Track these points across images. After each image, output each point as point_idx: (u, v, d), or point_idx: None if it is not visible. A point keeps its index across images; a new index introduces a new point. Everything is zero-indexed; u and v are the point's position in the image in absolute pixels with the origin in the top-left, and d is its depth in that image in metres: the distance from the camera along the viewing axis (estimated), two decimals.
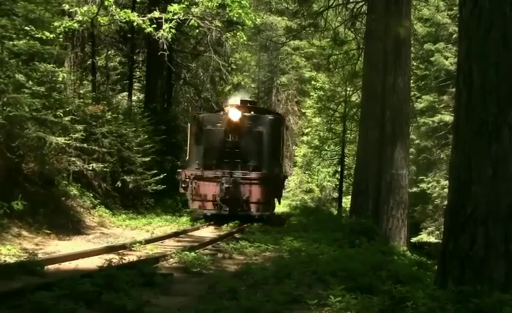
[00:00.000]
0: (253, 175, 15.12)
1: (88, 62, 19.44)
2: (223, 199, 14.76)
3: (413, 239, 22.25)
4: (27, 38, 10.78)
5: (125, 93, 23.68)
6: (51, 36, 11.81)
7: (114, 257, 6.96)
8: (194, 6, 15.44)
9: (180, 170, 15.70)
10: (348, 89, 22.69)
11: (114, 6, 14.06)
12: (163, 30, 14.45)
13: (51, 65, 11.75)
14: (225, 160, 15.38)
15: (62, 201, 12.34)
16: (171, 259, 7.95)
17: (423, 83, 26.92)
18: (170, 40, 15.38)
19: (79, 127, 12.60)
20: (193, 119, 16.55)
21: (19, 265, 6.56)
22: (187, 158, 16.22)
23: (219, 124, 15.73)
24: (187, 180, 15.08)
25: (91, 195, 14.13)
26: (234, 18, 17.41)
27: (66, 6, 14.04)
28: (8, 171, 10.60)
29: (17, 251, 8.18)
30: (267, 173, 15.26)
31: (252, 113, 16.56)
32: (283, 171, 16.36)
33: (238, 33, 19.27)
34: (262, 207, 15.08)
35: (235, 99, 18.60)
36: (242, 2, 16.03)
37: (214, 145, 15.55)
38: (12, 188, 10.42)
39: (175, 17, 14.62)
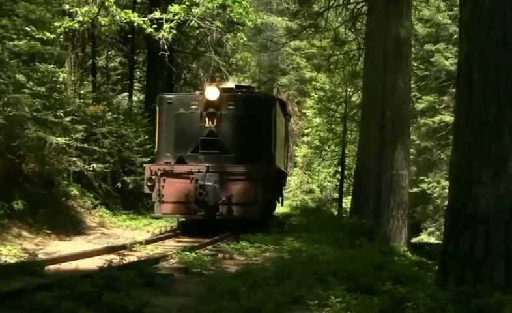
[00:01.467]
0: (237, 169, 11.93)
1: (89, 63, 19.47)
2: (198, 201, 11.56)
3: (414, 240, 22.25)
4: (28, 38, 10.79)
5: (125, 93, 23.71)
6: (52, 36, 11.81)
7: (115, 258, 6.96)
8: (194, 7, 15.45)
9: (145, 165, 12.80)
10: (349, 89, 22.70)
11: (114, 7, 14.08)
12: (164, 30, 14.46)
13: (52, 65, 11.77)
14: (201, 150, 12.17)
15: (62, 202, 12.35)
16: (171, 260, 7.96)
17: (423, 83, 26.93)
18: (170, 40, 15.38)
19: (80, 127, 12.60)
20: (161, 101, 12.81)
21: (19, 266, 6.56)
22: (156, 149, 12.89)
23: (194, 107, 12.40)
24: (154, 177, 11.90)
25: (91, 195, 14.13)
26: (235, 19, 17.43)
27: (67, 7, 14.06)
28: (8, 172, 10.60)
29: (17, 251, 8.19)
30: (254, 167, 11.85)
31: (235, 92, 13.31)
32: (276, 164, 12.88)
33: (238, 34, 19.31)
34: (248, 210, 11.77)
35: (229, 84, 15.62)
36: (243, 2, 16.05)
37: (188, 133, 12.34)
38: (12, 188, 10.43)
39: (176, 17, 14.64)
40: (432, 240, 23.99)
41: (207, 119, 12.27)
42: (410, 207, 13.64)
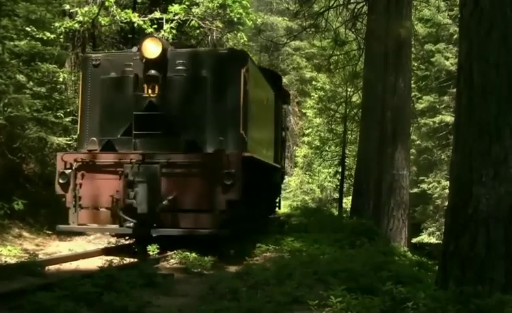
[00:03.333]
0: (186, 158, 8.25)
1: None
2: (127, 206, 8.06)
3: (414, 240, 22.28)
4: (28, 38, 10.81)
5: None
6: (52, 36, 11.83)
7: (115, 258, 6.97)
8: (195, 7, 15.45)
9: (58, 154, 8.84)
10: (349, 89, 22.67)
11: (115, 7, 14.08)
12: (164, 30, 14.46)
13: (52, 66, 11.77)
14: (135, 132, 8.48)
15: (63, 202, 12.33)
16: (172, 260, 7.94)
17: (423, 83, 26.91)
18: (171, 40, 15.38)
19: None
20: (85, 63, 9.19)
21: (19, 266, 6.57)
22: (78, 132, 9.15)
23: (129, 69, 8.66)
24: (68, 171, 8.38)
25: None
26: (235, 19, 17.42)
27: (67, 7, 14.05)
28: (9, 172, 10.61)
29: (17, 252, 8.20)
30: (212, 156, 8.16)
31: (187, 48, 9.74)
32: (247, 150, 8.64)
33: (238, 34, 19.28)
34: (201, 220, 8.08)
35: None
36: (243, 2, 16.05)
37: (118, 107, 8.67)
38: (13, 188, 10.43)
39: (176, 17, 14.64)
40: (433, 240, 23.98)
41: (146, 86, 8.49)
42: (410, 207, 13.65)
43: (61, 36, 13.43)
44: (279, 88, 13.32)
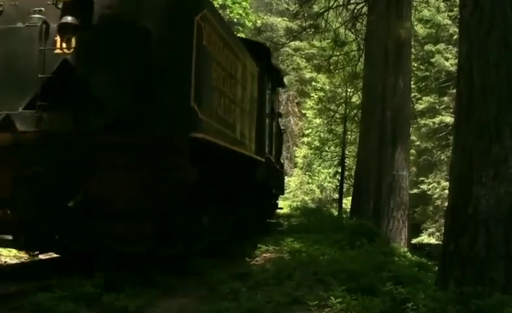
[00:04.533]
0: (111, 139, 5.68)
1: None
2: (14, 206, 5.81)
3: (414, 240, 22.30)
4: None
5: None
6: None
7: None
8: None
9: None
10: (349, 90, 22.68)
11: None
12: None
13: None
14: (41, 102, 5.85)
15: None
16: None
17: (423, 84, 26.93)
18: None
19: None
20: None
21: (19, 266, 6.56)
22: None
23: (38, 16, 6.04)
24: None
25: None
26: (235, 19, 17.43)
27: None
28: None
29: (17, 252, 8.18)
30: (149, 137, 5.68)
31: None
32: (203, 128, 6.10)
33: (238, 34, 19.30)
34: (131, 229, 5.65)
35: None
36: (243, 3, 16.07)
37: (21, 69, 6.01)
38: None
39: None
40: (433, 240, 24.00)
41: (58, 40, 5.96)
42: (410, 208, 13.64)
43: None
44: (266, 63, 10.71)
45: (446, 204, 6.46)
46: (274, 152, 12.50)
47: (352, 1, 17.24)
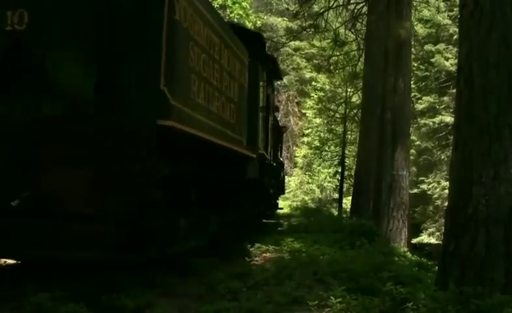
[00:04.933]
0: (66, 129, 4.83)
1: None
2: None
3: (414, 240, 22.30)
4: None
5: None
6: None
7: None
8: None
9: None
10: (349, 89, 22.70)
11: None
12: None
13: None
14: None
15: None
16: None
17: (423, 84, 26.96)
18: None
19: None
20: None
21: (19, 266, 6.56)
22: None
23: None
24: None
25: None
26: (235, 19, 17.43)
27: None
28: None
29: None
30: (113, 123, 4.80)
31: None
32: (177, 116, 5.10)
33: None
34: (87, 233, 4.65)
35: None
36: (243, 3, 16.07)
37: None
38: None
39: None
40: (433, 240, 24.01)
41: (8, 13, 5.05)
42: (410, 208, 13.64)
43: None
44: (260, 52, 9.75)
45: (446, 204, 6.46)
46: (270, 149, 11.62)
47: (352, 1, 17.25)
